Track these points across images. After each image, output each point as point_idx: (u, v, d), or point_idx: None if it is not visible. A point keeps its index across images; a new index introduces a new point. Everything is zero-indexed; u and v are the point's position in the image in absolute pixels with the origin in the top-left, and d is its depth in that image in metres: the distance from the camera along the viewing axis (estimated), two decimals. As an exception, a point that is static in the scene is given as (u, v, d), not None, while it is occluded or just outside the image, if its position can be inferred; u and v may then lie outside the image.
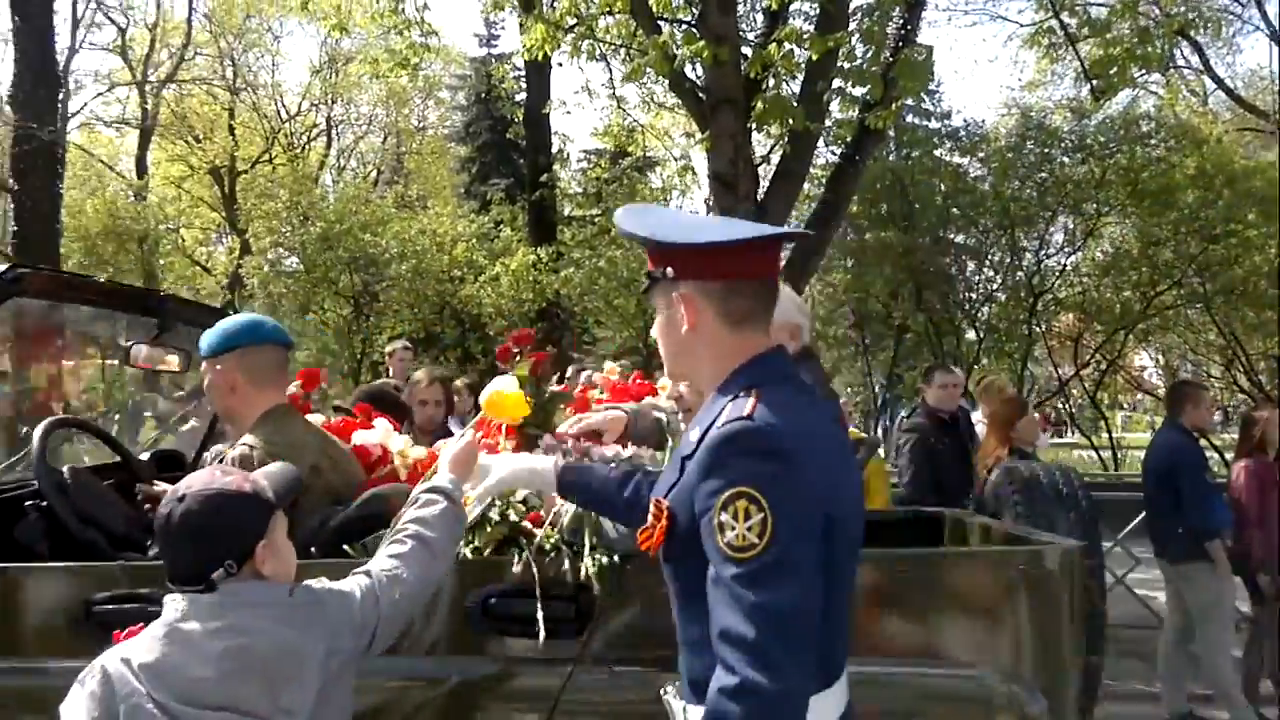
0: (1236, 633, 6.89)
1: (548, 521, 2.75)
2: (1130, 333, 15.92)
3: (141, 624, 2.15)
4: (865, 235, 14.90)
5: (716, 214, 9.35)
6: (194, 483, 2.13)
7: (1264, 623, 6.90)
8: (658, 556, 2.02)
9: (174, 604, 2.06)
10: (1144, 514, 6.82)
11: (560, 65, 13.68)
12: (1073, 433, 22.27)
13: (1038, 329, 15.81)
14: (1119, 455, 17.23)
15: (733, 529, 1.79)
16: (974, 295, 16.01)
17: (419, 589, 2.32)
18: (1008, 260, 15.34)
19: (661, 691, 2.09)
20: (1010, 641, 2.72)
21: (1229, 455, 7.88)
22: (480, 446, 2.67)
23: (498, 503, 2.74)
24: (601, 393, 3.82)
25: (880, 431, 18.92)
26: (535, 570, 2.65)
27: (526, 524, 2.78)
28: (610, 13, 10.21)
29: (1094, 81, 9.52)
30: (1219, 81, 23.22)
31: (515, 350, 3.36)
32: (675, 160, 17.25)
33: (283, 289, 17.59)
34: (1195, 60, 22.88)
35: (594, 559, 2.66)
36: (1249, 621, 7.06)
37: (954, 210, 14.90)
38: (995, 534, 3.38)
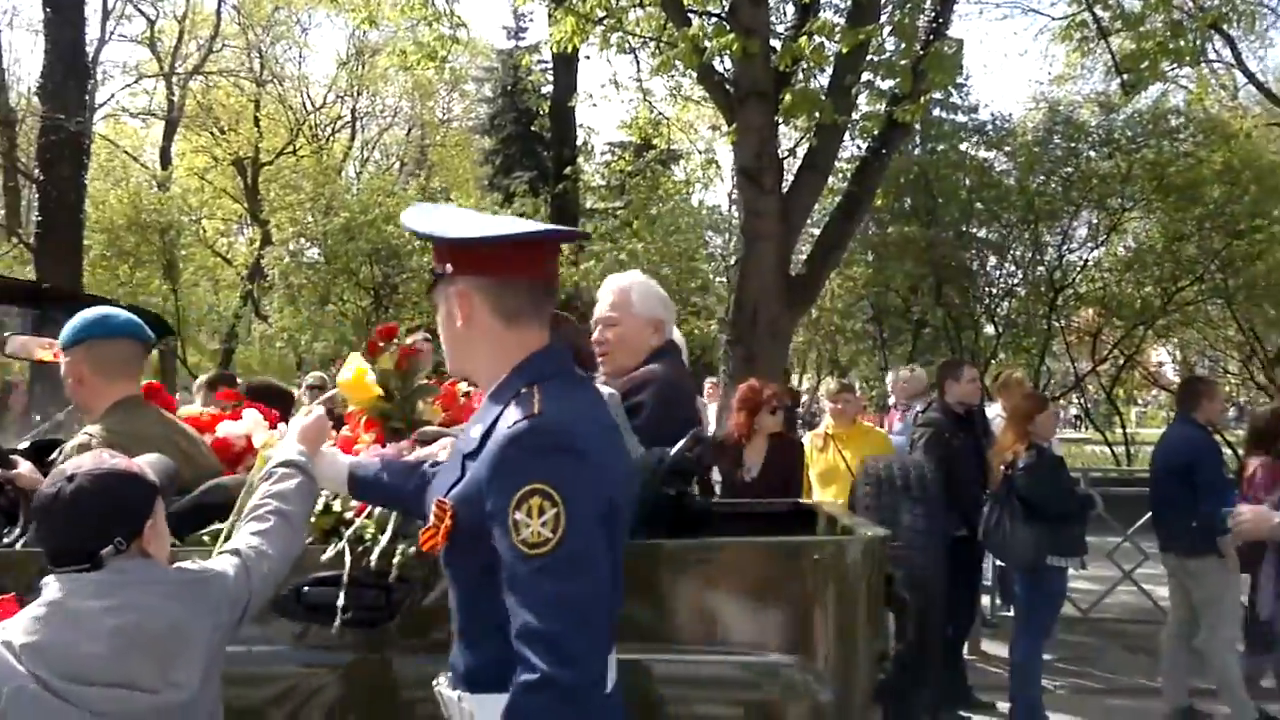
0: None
1: (365, 512, 2.75)
2: (1150, 328, 15.74)
3: (14, 596, 2.20)
4: (888, 229, 14.73)
5: (741, 207, 9.27)
6: (83, 464, 2.17)
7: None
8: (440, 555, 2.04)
9: (55, 583, 2.07)
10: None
11: (588, 58, 13.61)
12: (1087, 428, 22.13)
13: (1057, 324, 15.63)
14: (1131, 451, 17.08)
15: (527, 526, 1.81)
16: (994, 290, 15.83)
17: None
18: (1029, 255, 15.16)
19: (434, 684, 2.12)
20: (806, 630, 2.72)
21: (1240, 450, 7.81)
22: (340, 441, 2.72)
23: (324, 492, 2.70)
24: None
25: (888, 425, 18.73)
26: (347, 559, 2.66)
27: (349, 514, 2.78)
28: (640, 5, 10.09)
29: (1124, 75, 9.38)
30: (1250, 76, 22.91)
31: (382, 344, 3.29)
32: (700, 153, 17.17)
33: (303, 280, 17.56)
34: (1227, 54, 22.65)
35: (403, 550, 2.65)
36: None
37: (978, 205, 14.69)
38: (835, 526, 3.37)
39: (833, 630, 2.75)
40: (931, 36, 8.39)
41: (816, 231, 10.81)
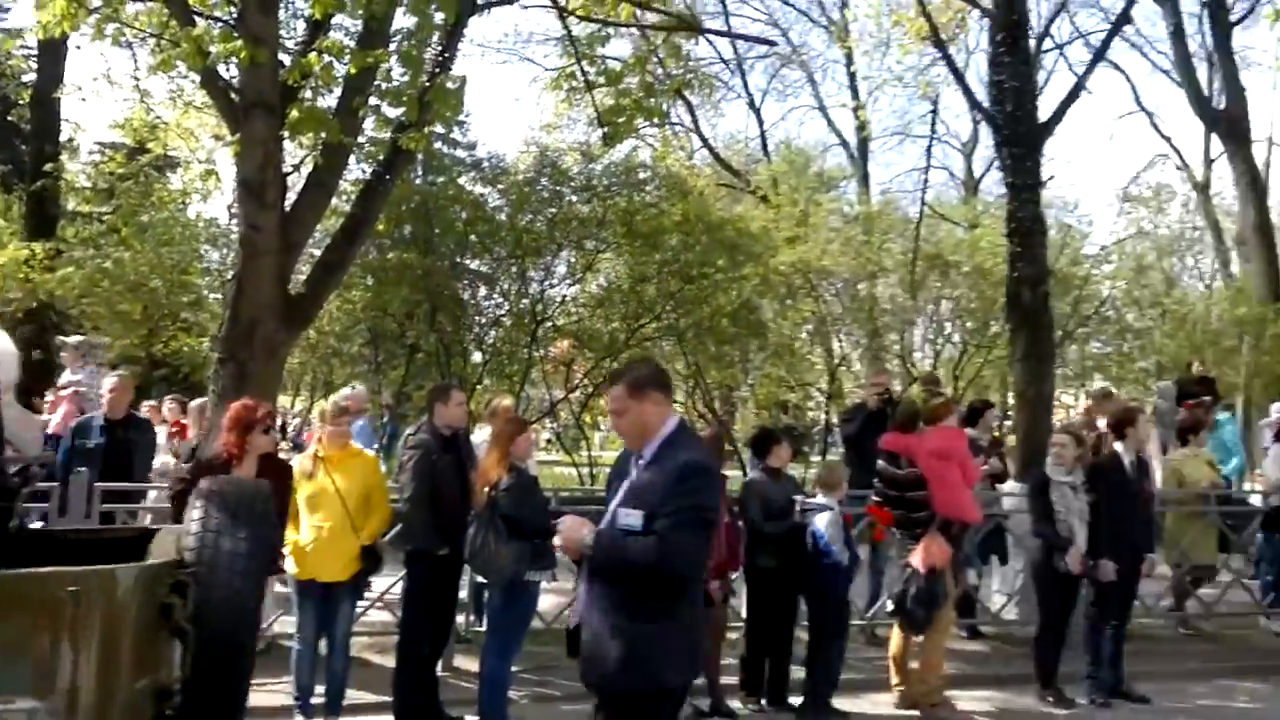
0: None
1: None
2: (615, 360, 16.59)
3: None
4: (388, 255, 14.52)
5: (241, 220, 8.64)
6: None
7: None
8: None
9: None
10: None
11: (79, 48, 12.15)
12: (558, 450, 23.14)
13: (537, 354, 16.13)
14: (594, 472, 17.97)
15: None
16: (483, 319, 16.04)
17: None
18: (516, 288, 15.53)
19: None
20: (55, 670, 2.43)
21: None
22: None
23: None
24: None
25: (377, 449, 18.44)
26: None
27: None
28: (141, -3, 9.13)
29: (605, 128, 9.89)
30: (704, 140, 25.43)
31: None
32: (199, 163, 15.95)
33: None
34: (687, 119, 25.01)
35: None
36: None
37: (472, 237, 14.85)
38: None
39: (93, 668, 2.42)
40: (438, 70, 8.33)
41: (318, 252, 10.35)
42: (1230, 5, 22.42)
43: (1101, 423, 10.52)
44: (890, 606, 7.86)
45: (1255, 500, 11.11)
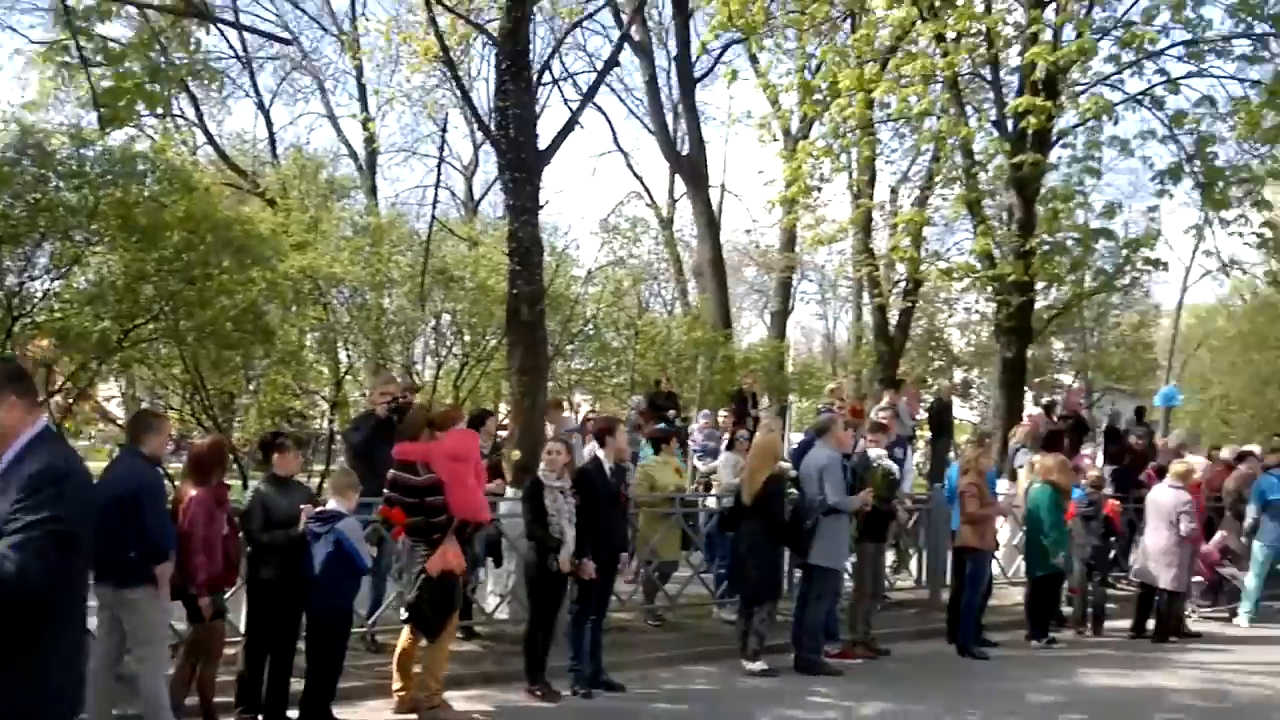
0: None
1: None
2: (105, 363, 15.03)
3: None
4: None
5: None
6: None
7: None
8: None
9: None
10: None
11: None
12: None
13: (12, 353, 14.09)
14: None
15: None
16: (-57, 314, 13.75)
17: None
18: (-11, 280, 13.46)
19: None
20: None
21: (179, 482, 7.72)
22: None
23: None
24: None
25: None
26: None
27: None
28: None
29: (101, 110, 8.81)
30: (210, 136, 23.79)
31: None
32: None
33: None
34: (191, 112, 23.22)
35: None
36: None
37: (-67, 220, 12.66)
38: None
39: None
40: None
41: None
42: (694, 64, 24.91)
43: (550, 429, 11.27)
44: (405, 613, 7.71)
45: (710, 502, 12.24)
